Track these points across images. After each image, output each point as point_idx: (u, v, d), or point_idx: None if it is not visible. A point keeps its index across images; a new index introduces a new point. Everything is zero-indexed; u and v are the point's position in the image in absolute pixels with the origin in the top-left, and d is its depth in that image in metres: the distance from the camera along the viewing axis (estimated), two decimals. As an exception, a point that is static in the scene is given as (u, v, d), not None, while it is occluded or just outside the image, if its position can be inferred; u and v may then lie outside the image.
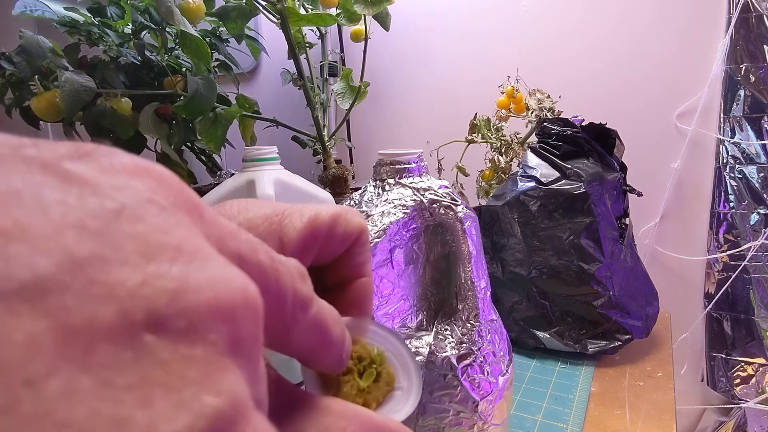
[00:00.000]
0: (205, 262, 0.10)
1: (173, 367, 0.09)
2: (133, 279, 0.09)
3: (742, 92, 0.76)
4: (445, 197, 0.40)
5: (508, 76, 0.78)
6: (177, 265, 0.10)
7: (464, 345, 0.38)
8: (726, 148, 0.78)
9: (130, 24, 0.85)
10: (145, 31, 0.85)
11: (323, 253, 0.18)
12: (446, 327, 0.39)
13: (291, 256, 0.17)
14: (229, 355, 0.10)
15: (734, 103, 0.77)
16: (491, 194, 0.69)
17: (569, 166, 0.61)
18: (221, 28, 0.90)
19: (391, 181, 0.41)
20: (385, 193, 0.41)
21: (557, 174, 0.62)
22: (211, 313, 0.10)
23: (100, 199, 0.10)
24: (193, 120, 0.79)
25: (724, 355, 0.80)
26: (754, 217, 0.76)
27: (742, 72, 0.76)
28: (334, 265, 0.19)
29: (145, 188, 0.11)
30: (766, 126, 0.75)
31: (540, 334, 0.63)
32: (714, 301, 0.80)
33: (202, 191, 0.82)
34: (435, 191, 0.40)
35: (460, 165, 0.82)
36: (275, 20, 0.80)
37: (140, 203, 0.10)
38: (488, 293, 0.41)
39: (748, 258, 0.76)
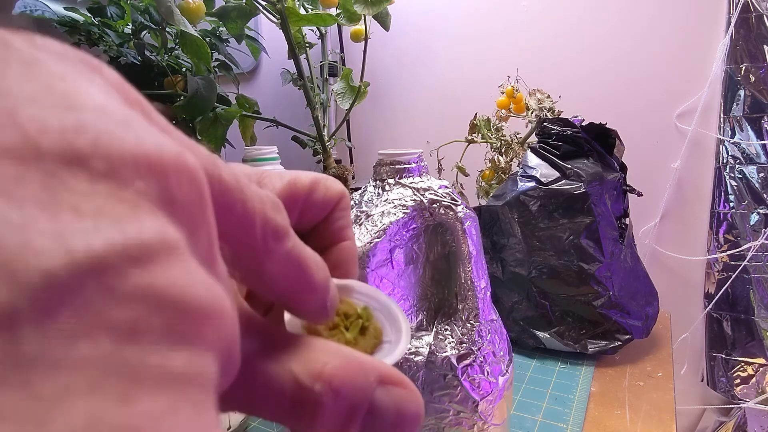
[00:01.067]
0: (135, 126, 0.09)
1: (92, 199, 0.08)
2: (44, 117, 0.08)
3: (742, 92, 0.76)
4: (445, 197, 0.40)
5: (508, 76, 0.78)
6: (100, 120, 0.08)
7: (464, 345, 0.38)
8: (726, 148, 0.78)
9: (130, 24, 0.85)
10: (145, 31, 0.85)
11: (303, 218, 0.19)
12: (446, 327, 0.39)
13: None
14: (162, 209, 0.09)
15: (734, 103, 0.77)
16: (491, 194, 0.69)
17: (569, 166, 0.61)
18: (221, 28, 0.90)
19: (391, 181, 0.41)
20: (385, 193, 0.41)
21: (557, 174, 0.62)
22: (138, 163, 0.08)
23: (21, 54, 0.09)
24: (193, 120, 0.79)
25: (724, 355, 0.80)
26: (754, 217, 0.76)
27: (742, 72, 0.76)
28: (315, 232, 0.19)
29: (84, 68, 0.10)
30: (766, 126, 0.75)
31: (540, 334, 0.63)
32: (714, 301, 0.80)
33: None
34: (435, 191, 0.40)
35: (460, 165, 0.82)
36: (275, 20, 0.80)
37: (73, 71, 0.09)
38: (488, 293, 0.41)
39: (748, 258, 0.76)
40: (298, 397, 0.13)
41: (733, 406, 0.80)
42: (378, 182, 0.42)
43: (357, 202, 0.41)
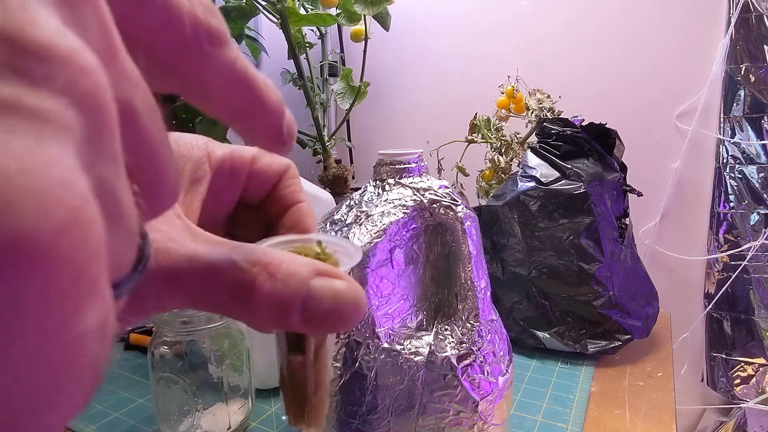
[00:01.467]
0: None
1: None
2: None
3: (742, 92, 0.76)
4: (445, 197, 0.40)
5: (508, 76, 0.78)
6: None
7: (464, 345, 0.38)
8: (726, 148, 0.78)
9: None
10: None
11: (252, 186, 0.20)
12: (446, 327, 0.39)
13: (217, 170, 0.19)
14: None
15: (734, 103, 0.77)
16: (491, 194, 0.69)
17: (569, 166, 0.61)
18: (221, 28, 0.90)
19: (391, 181, 0.41)
20: (385, 193, 0.41)
21: (557, 174, 0.62)
22: None
23: None
24: (193, 120, 0.79)
25: (724, 355, 0.80)
26: (754, 217, 0.76)
27: (742, 72, 0.76)
28: (269, 202, 0.21)
29: None
30: (766, 126, 0.75)
31: (540, 334, 0.63)
32: (714, 301, 0.80)
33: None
34: (435, 191, 0.40)
35: (460, 165, 0.82)
36: (275, 20, 0.80)
37: None
38: (488, 293, 0.41)
39: (748, 258, 0.76)
40: (237, 281, 0.14)
41: (733, 406, 0.80)
42: (378, 182, 0.42)
43: (357, 202, 0.41)
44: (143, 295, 0.14)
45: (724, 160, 0.79)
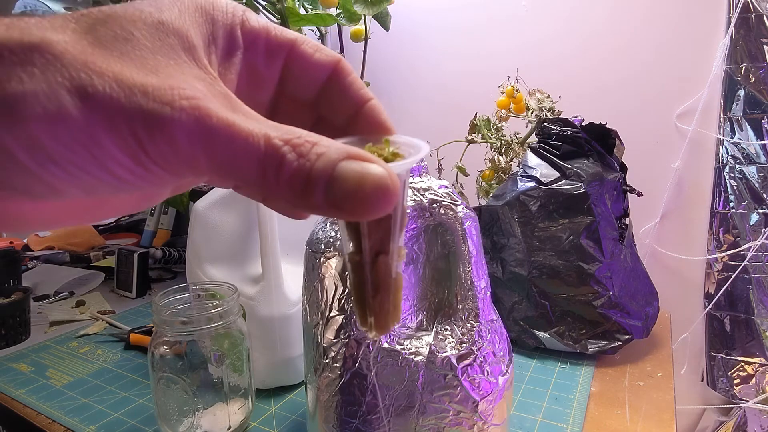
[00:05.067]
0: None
1: None
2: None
3: (741, 92, 0.76)
4: (445, 197, 0.40)
5: (508, 76, 0.78)
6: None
7: (464, 345, 0.38)
8: (726, 148, 0.78)
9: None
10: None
11: (297, 71, 0.20)
12: (446, 327, 0.39)
13: (249, 42, 0.19)
14: None
15: (734, 103, 0.77)
16: (491, 194, 0.69)
17: (569, 166, 0.61)
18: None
19: (391, 181, 0.41)
20: (385, 193, 0.41)
21: (557, 174, 0.62)
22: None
23: None
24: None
25: (723, 355, 0.80)
26: (754, 217, 0.76)
27: (742, 72, 0.76)
28: (329, 98, 0.20)
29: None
30: (765, 126, 0.75)
31: (540, 334, 0.63)
32: (714, 301, 0.80)
33: (202, 191, 0.82)
34: (435, 191, 0.40)
35: (460, 165, 0.82)
36: (275, 20, 0.80)
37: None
38: (488, 293, 0.41)
39: (748, 258, 0.76)
40: (268, 155, 0.14)
41: (733, 405, 0.80)
42: (378, 182, 0.42)
43: (357, 202, 0.41)
44: (180, 154, 0.14)
45: (724, 160, 0.79)
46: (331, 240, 0.38)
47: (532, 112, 0.75)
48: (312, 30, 0.97)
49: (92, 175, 0.14)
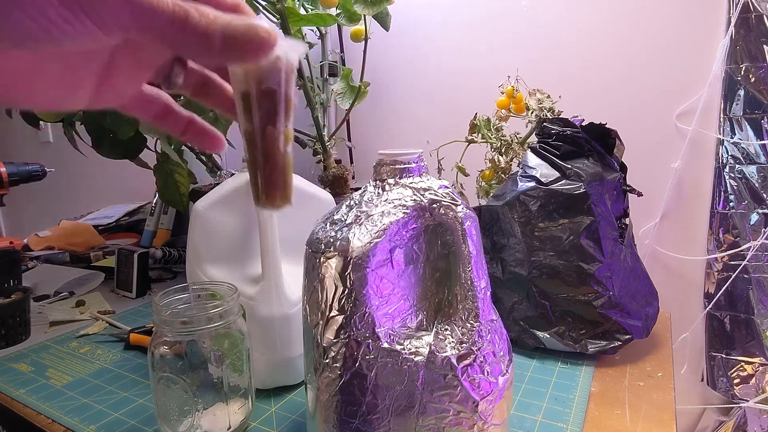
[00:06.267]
0: None
1: None
2: None
3: (741, 92, 0.76)
4: (445, 197, 0.40)
5: (508, 76, 0.78)
6: None
7: (464, 345, 0.38)
8: (726, 148, 0.78)
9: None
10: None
11: None
12: (446, 327, 0.39)
13: None
14: None
15: (734, 103, 0.77)
16: (491, 194, 0.69)
17: (569, 166, 0.61)
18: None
19: (391, 181, 0.41)
20: (385, 193, 0.41)
21: (557, 174, 0.62)
22: None
23: None
24: (193, 120, 0.79)
25: (723, 355, 0.80)
26: (754, 217, 0.76)
27: (742, 72, 0.76)
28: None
29: None
30: (765, 126, 0.75)
31: (540, 334, 0.63)
32: (714, 300, 0.80)
33: (202, 191, 0.82)
34: (435, 191, 0.40)
35: (460, 165, 0.82)
36: (275, 20, 0.80)
37: None
38: (488, 293, 0.41)
39: (748, 258, 0.76)
40: (175, 12, 0.19)
41: (732, 405, 0.80)
42: (378, 182, 0.42)
43: (357, 202, 0.41)
44: (110, 12, 0.18)
45: (724, 160, 0.79)
46: (331, 240, 0.38)
47: (532, 112, 0.75)
48: (312, 30, 0.97)
49: (35, 22, 0.18)
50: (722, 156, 0.79)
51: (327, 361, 0.38)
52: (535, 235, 0.62)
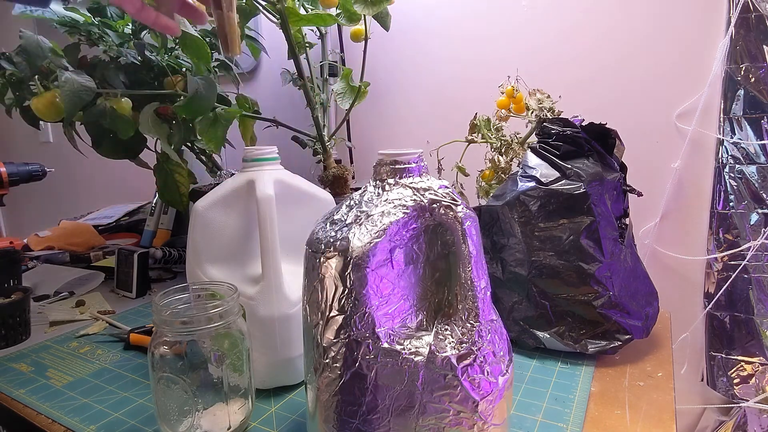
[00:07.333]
0: None
1: None
2: None
3: (742, 92, 0.76)
4: (445, 197, 0.40)
5: (508, 76, 0.78)
6: None
7: (464, 345, 0.38)
8: (726, 148, 0.78)
9: (130, 24, 0.85)
10: (145, 31, 0.85)
11: None
12: (446, 327, 0.39)
13: None
14: None
15: (734, 103, 0.77)
16: (491, 194, 0.69)
17: (569, 166, 0.61)
18: (221, 28, 0.89)
19: (391, 181, 0.41)
20: (385, 193, 0.41)
21: (557, 174, 0.62)
22: None
23: None
24: (193, 120, 0.79)
25: (723, 355, 0.80)
26: (754, 217, 0.76)
27: (742, 72, 0.76)
28: None
29: None
30: (765, 126, 0.75)
31: (540, 334, 0.63)
32: (714, 300, 0.80)
33: (202, 191, 0.82)
34: (435, 191, 0.40)
35: (460, 165, 0.82)
36: (275, 20, 0.80)
37: None
38: (488, 293, 0.41)
39: (747, 258, 0.76)
40: None
41: (732, 405, 0.80)
42: (378, 182, 0.42)
43: (357, 202, 0.41)
44: None
45: (724, 160, 0.79)
46: (331, 240, 0.38)
47: (532, 112, 0.75)
48: (312, 30, 0.97)
49: None
50: (722, 156, 0.79)
51: (327, 361, 0.38)
52: (535, 235, 0.62)
